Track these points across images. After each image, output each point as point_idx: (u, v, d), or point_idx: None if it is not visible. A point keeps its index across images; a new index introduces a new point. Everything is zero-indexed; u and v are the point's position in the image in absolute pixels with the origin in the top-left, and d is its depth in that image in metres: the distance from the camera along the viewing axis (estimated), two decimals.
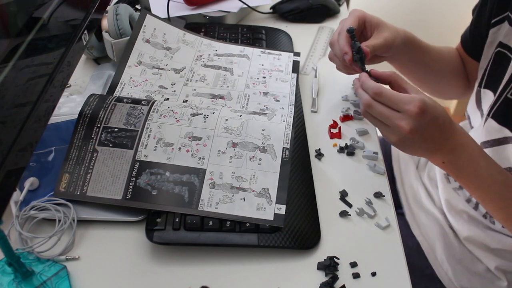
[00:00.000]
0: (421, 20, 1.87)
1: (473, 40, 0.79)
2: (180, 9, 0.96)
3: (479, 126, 0.74)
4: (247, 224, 0.58)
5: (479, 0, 0.77)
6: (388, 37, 0.70)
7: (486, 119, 0.70)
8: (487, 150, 0.69)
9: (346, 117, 0.77)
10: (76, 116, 0.65)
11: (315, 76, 0.85)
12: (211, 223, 0.58)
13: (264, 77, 0.79)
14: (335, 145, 0.72)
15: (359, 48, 0.66)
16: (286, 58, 0.84)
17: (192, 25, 0.93)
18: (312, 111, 0.78)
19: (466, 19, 0.84)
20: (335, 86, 0.84)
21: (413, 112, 0.56)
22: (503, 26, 0.70)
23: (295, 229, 0.59)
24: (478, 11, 0.76)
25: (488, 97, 0.72)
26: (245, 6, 0.96)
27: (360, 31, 0.72)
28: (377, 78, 0.64)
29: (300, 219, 0.60)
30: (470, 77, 0.85)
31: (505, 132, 0.66)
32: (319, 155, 0.70)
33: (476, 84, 0.76)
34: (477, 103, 0.76)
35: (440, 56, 0.82)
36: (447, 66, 0.84)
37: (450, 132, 0.59)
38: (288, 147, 0.65)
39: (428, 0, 1.85)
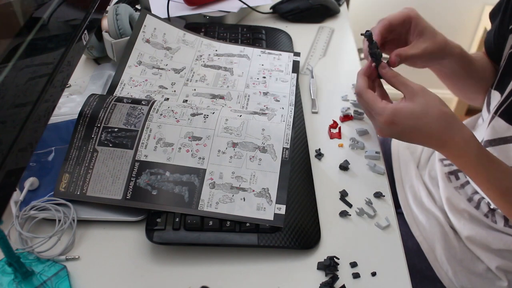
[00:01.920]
0: None
1: (496, 46, 0.78)
2: (180, 9, 0.96)
3: (483, 124, 0.74)
4: (247, 224, 0.58)
5: (497, 5, 0.76)
6: (426, 49, 0.68)
7: (493, 117, 0.70)
8: (492, 149, 0.69)
9: (346, 117, 0.77)
10: (76, 116, 0.65)
11: (312, 77, 0.85)
12: (211, 223, 0.58)
13: (264, 77, 0.79)
14: (341, 145, 0.72)
15: (375, 53, 0.66)
16: (286, 58, 0.84)
17: (192, 25, 0.93)
18: (313, 112, 0.78)
19: (465, 19, 0.84)
20: (335, 86, 0.84)
21: (381, 122, 0.61)
22: None
23: (295, 229, 0.59)
24: (500, 18, 0.75)
25: (496, 98, 0.72)
26: (245, 6, 0.96)
27: (405, 31, 0.71)
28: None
29: (300, 219, 0.60)
30: None
31: None
32: (319, 155, 0.70)
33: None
34: (487, 105, 0.76)
35: (480, 67, 0.81)
36: (485, 76, 0.82)
37: (439, 140, 0.61)
38: (288, 147, 0.65)
39: (427, 1, 1.85)
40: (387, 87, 0.68)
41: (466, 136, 0.61)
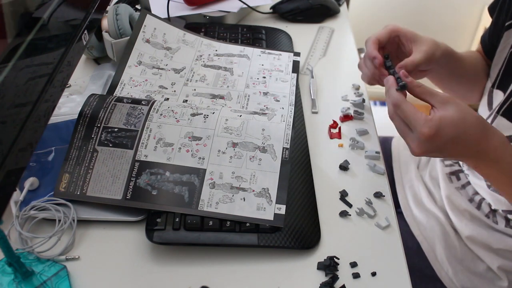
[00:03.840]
0: (419, 20, 1.87)
1: (490, 41, 0.78)
2: (180, 9, 0.96)
3: None
4: (247, 224, 0.58)
5: (495, 1, 0.76)
6: (428, 51, 0.67)
7: (495, 117, 0.69)
8: None
9: (346, 117, 0.77)
10: (76, 116, 0.65)
11: (312, 77, 0.85)
12: (211, 223, 0.58)
13: (264, 77, 0.79)
14: (341, 145, 0.72)
15: (392, 70, 0.63)
16: (286, 58, 0.84)
17: (192, 25, 0.93)
18: (313, 112, 0.78)
19: (464, 19, 0.83)
20: (334, 86, 0.84)
21: (424, 135, 0.54)
22: None
23: (295, 229, 0.59)
24: (497, 13, 0.75)
25: (499, 97, 0.72)
26: (245, 6, 0.96)
27: (395, 46, 0.70)
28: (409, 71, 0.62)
29: (300, 219, 0.60)
30: None
31: None
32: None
33: (489, 85, 0.75)
34: (489, 105, 0.75)
35: (472, 65, 0.80)
36: (478, 73, 0.82)
37: (477, 147, 0.57)
38: (288, 147, 0.65)
39: (427, 1, 1.85)
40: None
41: (502, 138, 0.58)
